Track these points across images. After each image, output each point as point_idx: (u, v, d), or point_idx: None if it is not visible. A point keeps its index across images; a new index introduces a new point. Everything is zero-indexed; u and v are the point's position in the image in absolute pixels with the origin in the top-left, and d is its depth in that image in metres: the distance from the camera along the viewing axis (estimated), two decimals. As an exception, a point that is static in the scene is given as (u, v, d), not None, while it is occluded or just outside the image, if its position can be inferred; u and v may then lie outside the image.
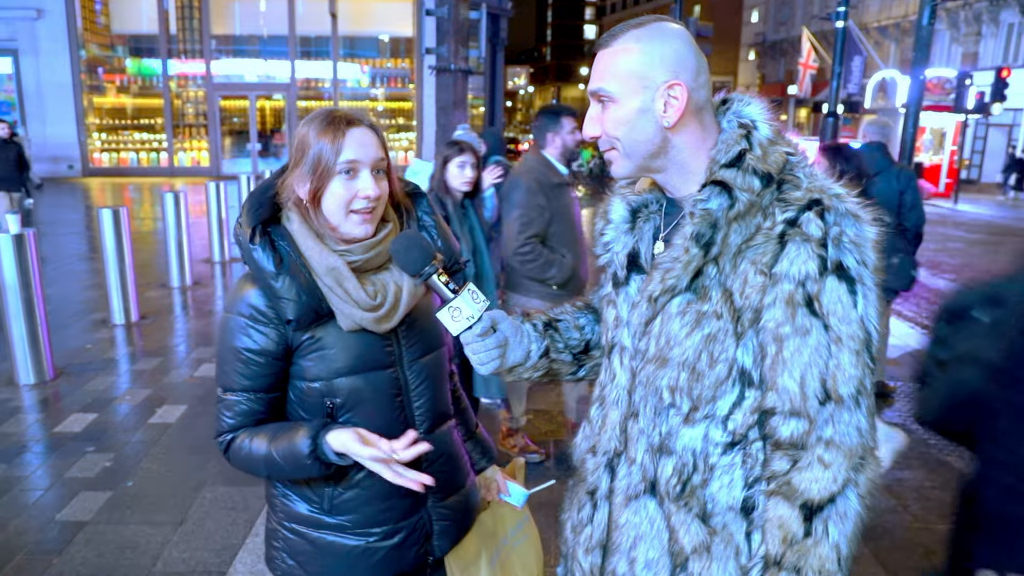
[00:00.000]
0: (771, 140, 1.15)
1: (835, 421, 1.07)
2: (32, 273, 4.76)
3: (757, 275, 1.09)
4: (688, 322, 1.13)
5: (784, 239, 1.07)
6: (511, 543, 1.74)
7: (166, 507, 3.36)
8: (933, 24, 7.14)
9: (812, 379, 1.07)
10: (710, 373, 1.13)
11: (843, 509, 1.06)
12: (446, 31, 9.79)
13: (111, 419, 4.32)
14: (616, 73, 1.15)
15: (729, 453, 1.15)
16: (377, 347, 1.41)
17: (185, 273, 7.56)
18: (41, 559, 2.96)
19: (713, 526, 1.16)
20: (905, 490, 3.66)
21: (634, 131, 1.16)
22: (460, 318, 1.27)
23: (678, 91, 1.13)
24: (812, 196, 1.09)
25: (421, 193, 1.55)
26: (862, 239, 1.08)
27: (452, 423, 1.60)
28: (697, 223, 1.12)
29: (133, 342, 5.84)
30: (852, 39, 17.34)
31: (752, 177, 1.11)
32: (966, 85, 16.84)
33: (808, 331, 1.06)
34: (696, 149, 1.17)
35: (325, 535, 1.44)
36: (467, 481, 1.62)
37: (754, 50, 41.62)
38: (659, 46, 1.14)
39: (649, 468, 1.21)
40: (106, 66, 20.88)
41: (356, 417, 1.39)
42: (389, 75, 21.83)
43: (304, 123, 1.38)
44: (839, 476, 1.06)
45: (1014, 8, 23.60)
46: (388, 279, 1.40)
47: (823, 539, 1.06)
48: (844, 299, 1.06)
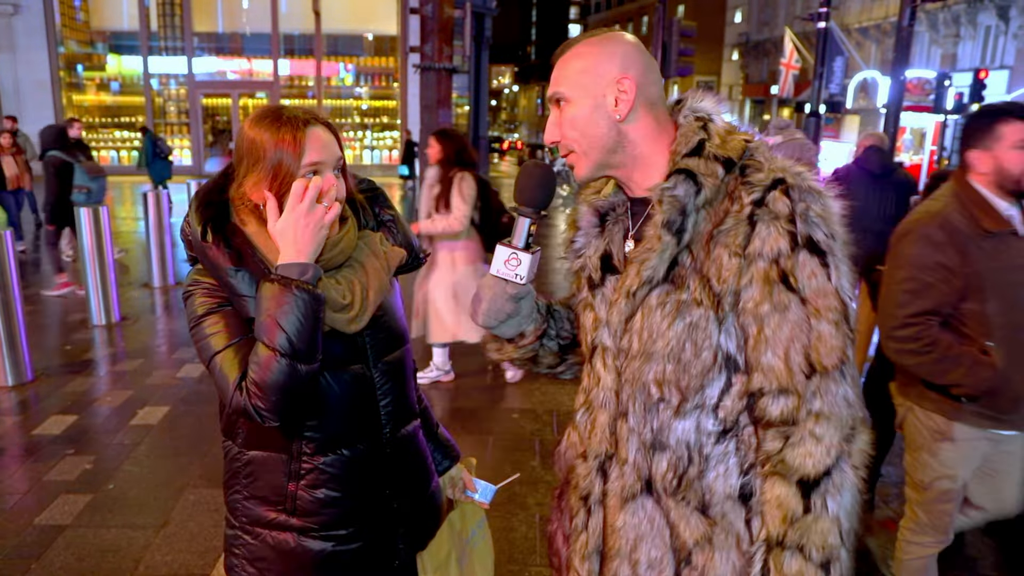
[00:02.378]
0: (728, 130, 1.18)
1: (823, 393, 1.07)
2: (10, 273, 4.70)
3: (732, 258, 1.09)
4: (668, 312, 1.14)
5: (753, 219, 1.09)
6: (472, 543, 1.74)
7: (148, 510, 3.32)
8: (913, 26, 7.24)
9: (796, 354, 1.08)
10: (696, 362, 1.14)
11: (839, 481, 1.07)
12: (430, 29, 9.77)
13: (91, 421, 4.27)
14: (568, 75, 1.19)
15: (722, 441, 1.16)
16: (344, 345, 1.37)
17: (166, 273, 7.49)
18: (19, 564, 2.92)
19: (712, 516, 1.17)
20: (886, 485, 3.70)
21: (588, 127, 1.18)
22: (511, 270, 1.25)
23: (627, 84, 1.16)
24: (775, 176, 1.11)
25: (377, 189, 1.53)
26: (827, 213, 1.10)
27: (417, 423, 1.58)
28: (666, 211, 1.13)
29: (114, 343, 5.77)
30: (834, 40, 17.49)
31: (714, 163, 1.13)
32: (945, 86, 17.02)
33: (787, 306, 1.07)
34: (653, 142, 1.19)
35: (288, 538, 1.39)
36: (432, 482, 1.60)
37: (737, 50, 41.88)
38: (609, 48, 1.18)
39: (643, 466, 1.21)
40: (86, 63, 20.64)
41: (322, 415, 1.36)
42: (373, 73, 21.76)
43: (252, 124, 1.30)
44: (831, 448, 1.07)
45: (991, 10, 23.93)
46: (352, 276, 1.37)
47: (823, 513, 1.06)
48: (818, 272, 1.07)
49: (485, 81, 16.97)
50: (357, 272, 1.38)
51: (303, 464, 1.37)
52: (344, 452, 1.39)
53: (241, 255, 1.30)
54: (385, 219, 1.50)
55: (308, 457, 1.37)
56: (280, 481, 1.38)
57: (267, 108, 1.32)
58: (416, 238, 1.55)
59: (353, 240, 1.40)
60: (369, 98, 21.83)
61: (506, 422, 4.35)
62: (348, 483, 1.39)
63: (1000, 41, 24.16)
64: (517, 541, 3.12)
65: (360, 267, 1.38)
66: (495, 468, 3.74)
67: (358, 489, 1.40)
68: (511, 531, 3.17)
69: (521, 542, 3.12)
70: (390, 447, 1.46)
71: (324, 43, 20.72)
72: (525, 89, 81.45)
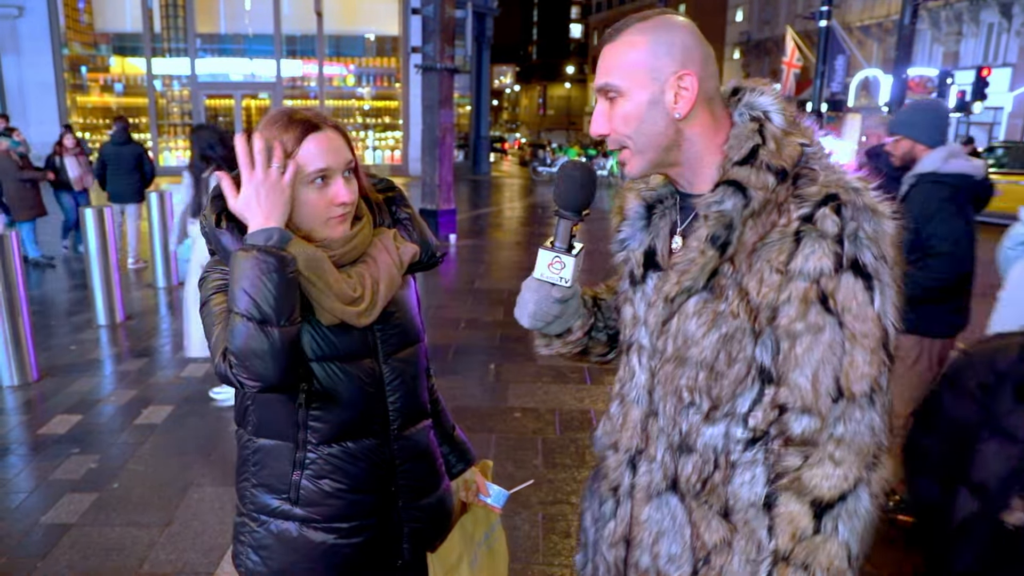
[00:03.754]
0: (785, 131, 1.13)
1: (847, 419, 1.05)
2: (15, 273, 4.72)
3: (773, 273, 1.07)
4: (705, 322, 1.12)
5: (799, 236, 1.05)
6: (484, 547, 1.74)
7: (152, 508, 3.34)
8: (915, 24, 7.23)
9: (825, 376, 1.05)
10: (728, 372, 1.12)
11: (853, 507, 1.05)
12: (432, 30, 9.78)
13: (96, 420, 4.29)
14: (623, 66, 1.12)
15: (751, 449, 1.14)
16: (354, 338, 1.38)
17: (170, 273, 7.51)
18: (25, 562, 2.94)
19: (734, 522, 1.16)
20: (888, 484, 3.70)
21: (645, 125, 1.13)
22: (555, 273, 1.22)
23: (688, 81, 1.10)
24: (828, 191, 1.06)
25: (394, 187, 1.54)
26: (880, 234, 1.05)
27: (428, 423, 1.58)
28: (712, 225, 1.11)
29: (118, 343, 5.80)
30: (835, 38, 17.46)
31: (766, 174, 1.09)
32: (947, 84, 16.98)
33: (822, 328, 1.05)
34: (709, 141, 1.15)
35: (291, 527, 1.41)
36: (441, 484, 1.60)
37: (739, 49, 41.81)
38: (666, 37, 1.11)
39: (670, 466, 1.21)
40: (89, 65, 20.69)
41: (329, 404, 1.38)
42: (375, 74, 21.78)
43: (264, 126, 1.31)
44: (850, 474, 1.05)
45: (994, 8, 23.88)
46: (364, 272, 1.38)
47: (832, 536, 1.05)
48: (860, 296, 1.04)
49: (487, 81, 16.98)
50: (369, 267, 1.39)
51: (308, 453, 1.39)
52: (349, 444, 1.41)
53: None
54: (401, 217, 1.51)
55: (313, 447, 1.39)
56: (285, 470, 1.40)
57: (279, 111, 1.34)
58: (433, 236, 1.55)
59: (367, 238, 1.41)
60: (371, 98, 21.86)
61: (508, 421, 4.36)
62: (352, 476, 1.39)
63: (1003, 38, 24.10)
64: (521, 540, 3.13)
65: (372, 262, 1.40)
66: (497, 468, 3.76)
67: (362, 483, 1.41)
68: (515, 530, 3.18)
69: (525, 541, 3.13)
70: (397, 444, 1.47)
71: (326, 44, 20.75)
72: (526, 89, 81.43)
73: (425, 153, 10.42)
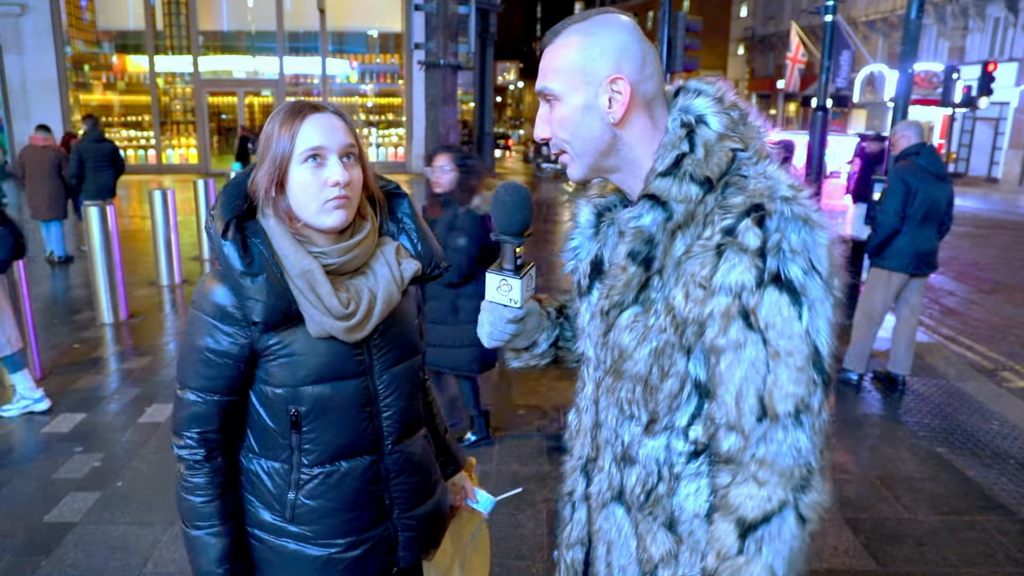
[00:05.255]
0: (721, 135, 1.08)
1: (768, 440, 1.01)
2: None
3: (697, 288, 1.03)
4: (636, 336, 1.10)
5: (721, 249, 1.01)
6: (471, 547, 1.74)
7: (157, 507, 3.33)
8: (920, 18, 7.15)
9: (749, 395, 1.01)
10: (662, 386, 1.10)
11: (778, 530, 1.01)
12: (435, 26, 9.75)
13: (100, 419, 4.29)
14: (558, 70, 1.11)
15: (695, 461, 1.12)
16: (346, 355, 1.35)
17: (174, 271, 7.51)
18: (29, 561, 2.94)
19: (680, 534, 1.14)
20: (895, 481, 3.68)
21: (581, 129, 1.11)
22: (504, 295, 1.23)
23: (621, 85, 1.08)
24: (753, 201, 1.01)
25: (403, 194, 1.50)
26: (809, 246, 0.99)
27: (422, 432, 1.56)
28: (630, 242, 1.09)
29: (122, 341, 5.80)
30: (840, 33, 17.38)
31: (689, 184, 1.05)
32: (953, 79, 16.90)
33: (742, 345, 1.00)
34: (647, 147, 1.12)
35: (287, 543, 1.40)
36: (436, 490, 1.58)
37: (743, 44, 41.68)
38: (600, 38, 1.09)
39: (615, 477, 1.20)
40: (92, 62, 20.69)
41: (321, 427, 1.35)
42: (378, 71, 21.74)
43: (270, 119, 1.33)
44: (774, 496, 1.01)
45: (1000, 2, 23.73)
46: (363, 285, 1.35)
47: (755, 558, 1.01)
48: (785, 311, 0.98)
49: (490, 77, 16.90)
50: (369, 280, 1.37)
51: (302, 474, 1.38)
52: (343, 464, 1.39)
53: (256, 258, 1.28)
54: (407, 227, 1.48)
55: (307, 468, 1.38)
56: (280, 489, 1.39)
57: (287, 103, 1.33)
58: (439, 247, 1.52)
59: (370, 248, 1.39)
60: (374, 95, 21.82)
61: (512, 418, 4.35)
62: (347, 495, 1.38)
63: (1009, 33, 23.95)
64: (525, 537, 3.12)
65: (373, 275, 1.37)
66: (500, 466, 3.75)
67: (357, 501, 1.40)
68: (519, 527, 3.17)
69: (529, 538, 3.11)
70: (391, 458, 1.45)
71: (329, 41, 20.72)
72: (530, 85, 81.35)
73: (428, 150, 10.41)
